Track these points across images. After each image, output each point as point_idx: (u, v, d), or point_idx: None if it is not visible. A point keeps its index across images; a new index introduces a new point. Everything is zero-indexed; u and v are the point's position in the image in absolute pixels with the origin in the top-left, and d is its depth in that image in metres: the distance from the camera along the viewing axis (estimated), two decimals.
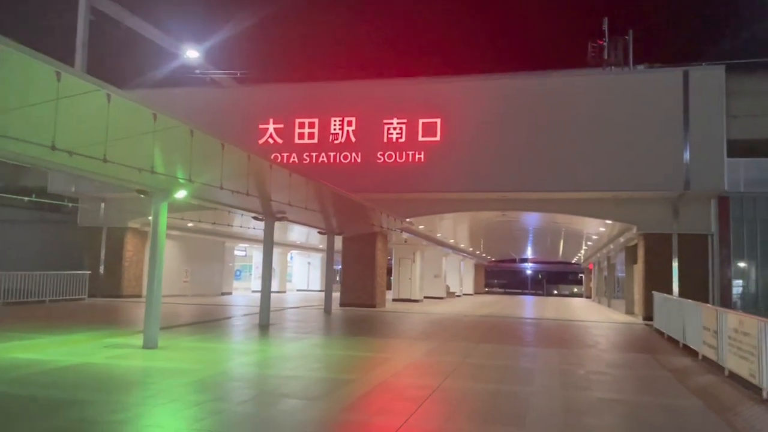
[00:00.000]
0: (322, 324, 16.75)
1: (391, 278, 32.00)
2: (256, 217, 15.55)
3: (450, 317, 20.71)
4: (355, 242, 23.27)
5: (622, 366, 10.66)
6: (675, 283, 20.11)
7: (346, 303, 23.14)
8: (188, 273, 29.55)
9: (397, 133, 20.93)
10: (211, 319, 17.05)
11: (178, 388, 7.58)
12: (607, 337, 15.56)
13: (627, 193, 19.80)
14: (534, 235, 39.50)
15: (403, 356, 10.86)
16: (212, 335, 13.24)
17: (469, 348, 12.07)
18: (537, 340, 14.64)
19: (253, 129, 22.06)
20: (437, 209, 22.30)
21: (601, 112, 19.66)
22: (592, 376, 9.34)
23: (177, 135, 8.26)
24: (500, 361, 10.63)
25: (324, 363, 9.93)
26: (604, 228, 25.32)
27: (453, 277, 42.73)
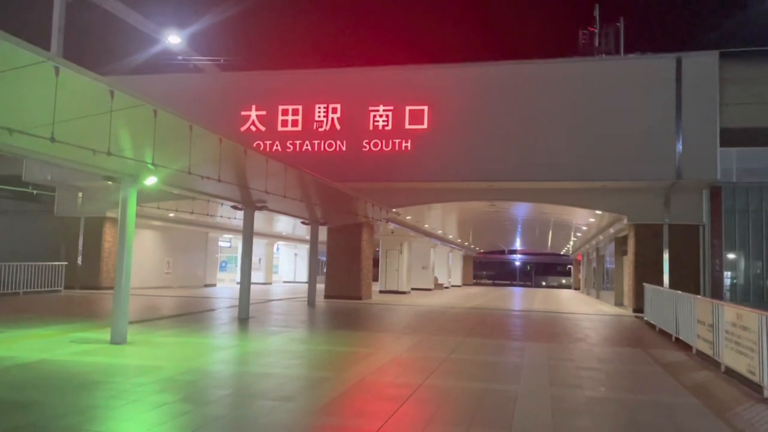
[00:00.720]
0: (304, 317, 16.23)
1: (378, 270, 31.54)
2: (234, 206, 14.97)
3: (437, 309, 20.26)
4: (341, 233, 22.73)
5: (612, 361, 10.23)
6: (665, 275, 19.77)
7: (331, 295, 22.62)
8: (170, 264, 28.90)
9: (383, 121, 20.36)
10: (189, 312, 16.48)
11: (141, 388, 7.04)
12: (596, 330, 15.16)
13: (617, 183, 19.38)
14: (523, 227, 39.15)
15: (385, 351, 10.36)
16: (187, 329, 12.68)
17: (455, 342, 11.60)
18: (525, 333, 14.21)
19: (234, 116, 21.40)
20: (425, 199, 21.80)
21: (592, 101, 19.19)
22: (583, 372, 8.89)
23: (142, 116, 7.66)
24: (487, 357, 10.17)
25: (301, 359, 9.41)
26: (594, 219, 24.95)
27: (441, 268, 42.33)
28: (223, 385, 7.61)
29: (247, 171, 10.92)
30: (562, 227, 34.58)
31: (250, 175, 11.42)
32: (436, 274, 39.62)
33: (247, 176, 11.38)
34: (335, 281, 22.84)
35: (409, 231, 29.48)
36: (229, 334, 12.23)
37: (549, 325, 15.93)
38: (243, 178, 11.15)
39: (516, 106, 19.73)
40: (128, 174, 10.28)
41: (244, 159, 9.86)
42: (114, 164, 9.69)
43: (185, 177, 10.15)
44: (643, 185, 19.47)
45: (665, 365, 9.76)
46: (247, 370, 8.53)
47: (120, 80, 19.00)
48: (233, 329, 12.98)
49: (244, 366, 8.78)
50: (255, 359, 9.37)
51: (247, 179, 11.54)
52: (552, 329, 14.94)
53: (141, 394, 6.75)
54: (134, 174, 10.30)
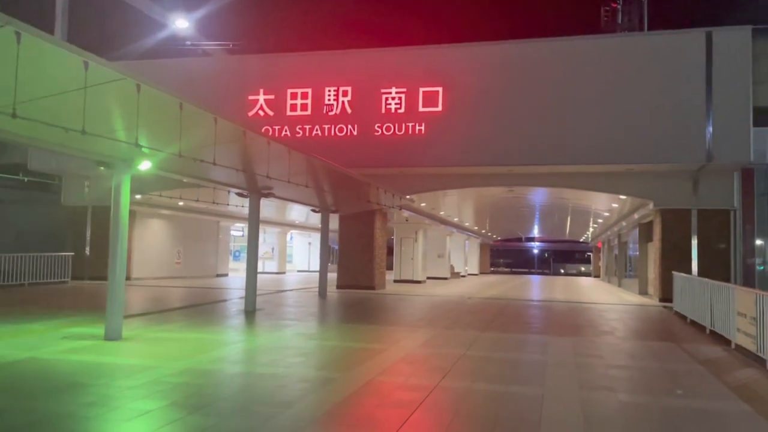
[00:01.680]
0: (313, 309, 15.54)
1: (393, 258, 30.81)
2: (240, 193, 14.27)
3: (453, 300, 19.48)
4: (353, 221, 21.98)
5: (645, 357, 9.39)
6: (694, 262, 18.80)
7: (344, 285, 21.93)
8: (180, 254, 28.39)
9: (395, 104, 19.51)
10: (194, 305, 15.88)
11: (127, 392, 6.37)
12: (623, 322, 14.29)
13: (643, 166, 18.38)
14: (541, 213, 38.11)
15: (397, 347, 9.62)
16: (189, 323, 12.05)
17: (472, 337, 10.83)
18: (547, 326, 13.38)
19: (242, 101, 20.68)
20: (440, 185, 20.97)
21: (616, 80, 18.16)
22: (614, 372, 8.07)
23: (129, 94, 6.93)
24: (507, 354, 9.38)
25: (306, 356, 8.70)
26: (617, 204, 23.93)
27: (457, 256, 41.48)
28: (217, 388, 6.92)
29: (249, 155, 10.20)
30: (581, 213, 33.52)
31: (251, 159, 10.68)
32: (453, 262, 38.80)
33: (249, 160, 10.65)
34: (347, 271, 22.13)
35: (424, 218, 28.67)
36: (233, 328, 11.57)
37: (572, 317, 15.08)
38: (244, 163, 10.42)
39: (535, 87, 18.77)
40: (121, 159, 9.60)
41: (244, 141, 9.11)
42: (105, 148, 9.01)
43: (180, 161, 9.45)
44: (671, 168, 18.46)
45: (703, 362, 8.91)
46: (246, 369, 7.84)
47: (125, 66, 18.38)
48: (238, 323, 12.33)
49: (244, 365, 8.09)
50: (256, 357, 8.67)
51: (249, 163, 10.80)
52: (575, 321, 14.10)
53: (124, 400, 6.08)
54: (127, 159, 9.62)
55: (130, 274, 24.48)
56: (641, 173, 18.98)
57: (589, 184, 19.81)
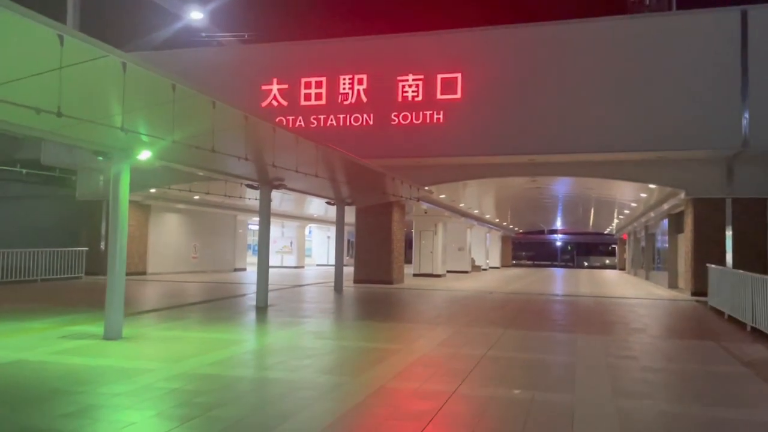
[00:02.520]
0: (328, 305, 14.95)
1: (412, 252, 30.14)
2: (249, 184, 13.71)
3: (474, 295, 18.75)
4: (369, 213, 21.35)
5: (683, 359, 8.61)
6: (728, 254, 17.84)
7: (361, 280, 21.32)
8: (197, 249, 28.04)
9: (412, 92, 18.79)
10: (205, 300, 15.40)
11: (114, 399, 5.81)
12: (655, 318, 13.46)
13: (674, 153, 17.45)
14: (565, 205, 37.07)
15: (413, 347, 8.96)
16: (196, 320, 11.51)
17: (494, 335, 10.12)
18: (574, 323, 12.59)
19: (255, 91, 20.12)
20: (459, 176, 20.23)
21: (644, 62, 17.21)
22: (650, 376, 7.32)
23: (117, 76, 6.35)
24: (532, 354, 8.66)
25: (314, 358, 8.07)
26: (645, 194, 22.94)
27: (478, 249, 40.67)
28: (212, 395, 6.31)
29: (254, 143, 9.59)
30: (607, 205, 32.47)
31: (257, 147, 10.07)
32: (473, 255, 38.00)
33: (255, 149, 10.04)
34: (365, 265, 21.52)
35: (443, 211, 27.93)
36: (241, 325, 11.00)
37: (600, 312, 14.27)
38: (250, 151, 9.81)
39: (559, 71, 17.90)
40: (118, 148, 9.06)
41: (246, 127, 8.49)
42: (97, 136, 8.47)
43: (182, 150, 8.89)
44: (704, 155, 17.51)
45: (749, 364, 8.10)
46: (247, 374, 7.24)
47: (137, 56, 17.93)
48: (246, 320, 11.77)
49: (245, 368, 7.49)
50: (260, 359, 8.07)
51: (256, 152, 10.19)
52: (604, 317, 13.29)
53: (108, 410, 5.51)
54: (125, 148, 9.08)
55: (145, 269, 24.20)
56: (672, 161, 18.04)
57: (616, 173, 18.91)
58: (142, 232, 24.28)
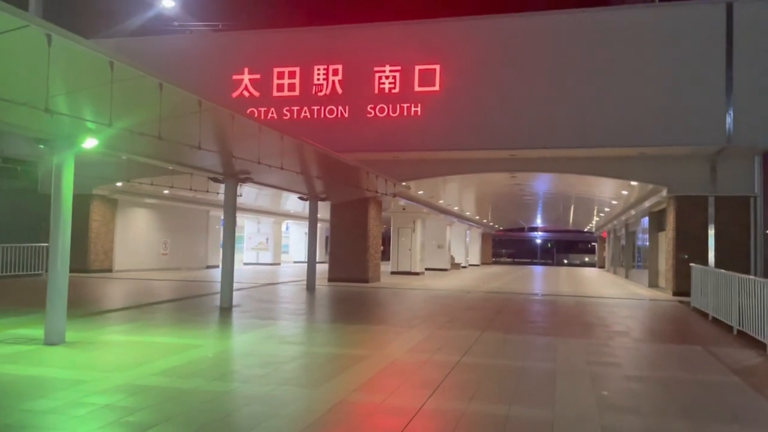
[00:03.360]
0: (297, 305, 14.25)
1: (390, 249, 29.51)
2: (214, 177, 12.94)
3: (452, 294, 18.16)
4: (345, 209, 20.65)
5: (669, 366, 8.06)
6: (711, 253, 17.45)
7: (336, 278, 20.63)
8: (167, 245, 27.10)
9: (389, 83, 18.11)
10: (169, 299, 14.61)
11: (34, 419, 5.09)
12: (637, 320, 12.97)
13: (657, 149, 17.01)
14: (545, 202, 36.70)
15: (383, 353, 8.31)
16: (152, 322, 10.74)
17: (470, 338, 9.51)
18: (554, 324, 12.04)
19: (225, 80, 19.29)
20: (438, 171, 19.61)
21: (627, 56, 16.74)
22: (636, 386, 6.75)
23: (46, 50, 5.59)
24: (510, 361, 8.05)
25: (274, 366, 7.38)
26: (627, 191, 22.53)
27: (458, 247, 40.16)
28: (146, 412, 5.58)
29: (211, 131, 8.85)
30: (587, 202, 32.12)
31: (215, 136, 9.33)
32: (453, 253, 37.49)
33: (212, 138, 9.29)
34: (339, 262, 20.82)
35: (422, 207, 27.32)
36: (199, 328, 10.25)
37: (580, 313, 13.75)
38: (207, 140, 9.05)
39: (540, 64, 17.35)
40: (61, 135, 8.26)
41: (201, 114, 7.75)
42: (39, 123, 7.67)
43: (133, 139, 8.12)
44: (687, 152, 17.09)
45: (741, 372, 7.58)
46: (194, 385, 6.52)
47: (100, 43, 17.02)
48: (206, 322, 11.02)
49: (194, 378, 6.76)
50: (213, 367, 7.35)
51: (213, 141, 9.43)
52: (584, 318, 12.76)
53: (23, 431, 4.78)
54: (69, 135, 8.28)
55: (111, 266, 23.27)
56: (655, 157, 17.61)
57: (597, 169, 18.43)
58: (108, 228, 23.32)
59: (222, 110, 8.15)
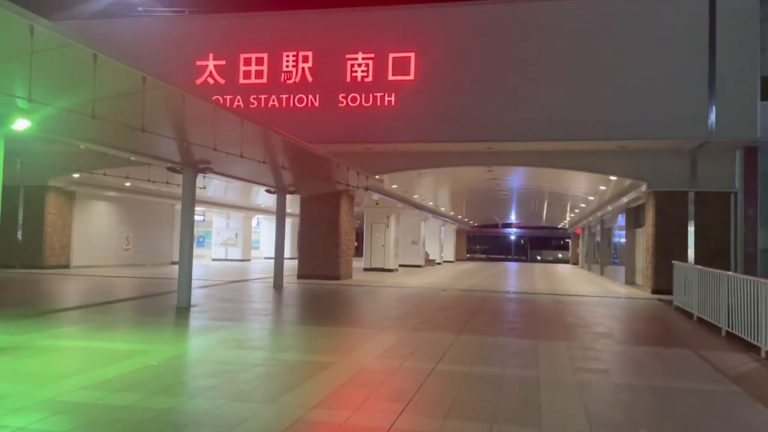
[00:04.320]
0: (261, 304, 13.40)
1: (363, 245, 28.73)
2: (171, 167, 12.01)
3: (426, 292, 17.46)
4: (315, 203, 19.82)
5: (661, 372, 7.43)
6: (690, 249, 17.04)
7: (305, 275, 19.80)
8: (130, 240, 25.94)
9: (362, 71, 17.32)
10: (124, 298, 13.64)
11: None
12: (619, 320, 12.42)
13: (636, 143, 16.54)
14: (521, 198, 36.25)
15: (350, 360, 7.54)
16: (99, 324, 9.81)
17: (445, 342, 8.80)
18: (533, 325, 11.39)
19: (189, 67, 18.30)
20: (412, 164, 18.89)
21: (607, 46, 16.23)
22: (627, 397, 6.10)
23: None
24: (488, 367, 7.34)
25: (225, 376, 6.56)
26: (605, 186, 22.09)
27: (433, 243, 39.59)
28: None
29: (159, 113, 7.97)
30: (564, 198, 31.73)
31: (164, 119, 8.44)
32: (427, 249, 36.86)
33: (160, 121, 8.40)
34: (309, 259, 19.99)
35: (396, 202, 26.60)
36: (149, 332, 9.36)
37: (559, 313, 13.15)
38: (153, 123, 8.16)
39: (518, 54, 16.74)
40: None
41: (145, 92, 6.87)
42: None
43: (75, 121, 7.22)
44: (667, 146, 16.65)
45: (739, 380, 6.98)
46: (130, 400, 5.66)
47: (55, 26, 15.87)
48: (159, 324, 10.13)
49: (130, 392, 5.90)
50: (152, 379, 6.48)
51: (161, 125, 8.53)
52: (564, 319, 12.15)
53: None
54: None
55: (69, 262, 22.10)
56: (634, 152, 17.14)
57: (576, 163, 17.90)
58: (65, 222, 22.11)
59: (170, 89, 7.27)
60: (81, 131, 8.21)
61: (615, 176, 18.32)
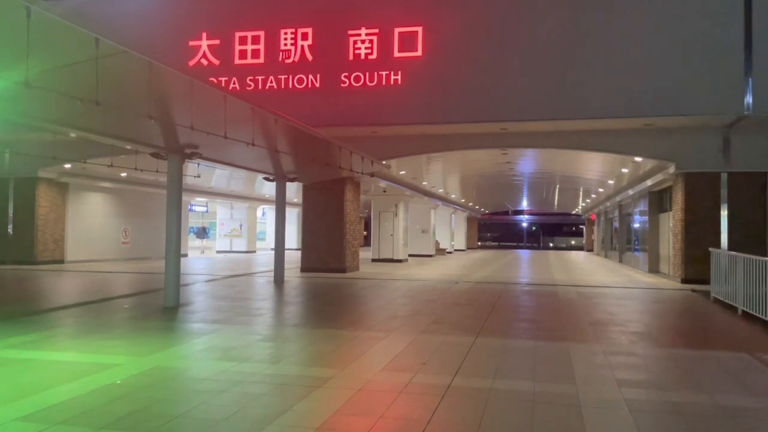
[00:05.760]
0: (258, 303, 12.28)
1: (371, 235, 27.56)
2: (155, 153, 10.87)
3: (438, 285, 16.28)
4: (318, 191, 18.66)
5: (724, 385, 6.21)
6: (723, 234, 15.77)
7: (309, 268, 18.69)
8: (127, 233, 24.92)
9: (366, 48, 16.05)
10: (109, 297, 12.57)
11: None
12: (654, 315, 11.20)
13: (665, 120, 15.16)
14: (534, 183, 34.83)
15: (351, 373, 6.39)
16: (70, 330, 8.72)
17: (462, 347, 7.63)
18: (560, 324, 10.13)
19: (181, 47, 17.11)
20: (421, 148, 17.62)
21: (633, 14, 14.81)
22: (695, 423, 4.89)
23: None
24: (516, 382, 6.14)
25: (197, 400, 5.43)
26: (627, 169, 20.74)
27: (443, 231, 38.37)
28: None
29: (129, 86, 6.80)
30: (579, 182, 30.35)
31: (136, 94, 7.26)
32: (438, 237, 35.67)
33: (131, 96, 7.23)
34: (313, 251, 18.86)
35: (404, 189, 25.38)
36: (127, 338, 8.24)
37: (585, 307, 11.92)
38: (122, 98, 7.00)
39: (535, 25, 15.37)
40: None
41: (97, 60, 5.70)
42: None
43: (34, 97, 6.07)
44: (698, 123, 15.29)
45: None
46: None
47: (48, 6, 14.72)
48: (139, 329, 9.01)
49: (67, 428, 4.77)
50: (108, 405, 5.33)
51: (134, 101, 7.35)
52: (592, 315, 10.93)
53: None
54: None
55: (63, 257, 21.12)
56: (662, 130, 15.80)
57: (598, 144, 16.57)
58: (58, 214, 21.10)
59: (137, 58, 6.08)
60: (47, 112, 7.06)
61: (641, 157, 16.98)
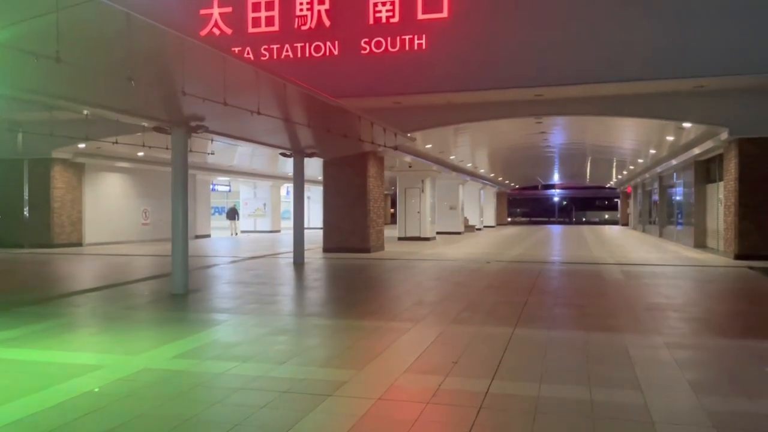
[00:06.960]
0: (275, 287, 11.41)
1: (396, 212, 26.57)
2: (157, 126, 9.96)
3: (468, 265, 15.22)
4: (340, 168, 17.69)
5: None
6: None
7: (332, 248, 17.80)
8: (147, 214, 24.33)
9: (387, 11, 14.88)
10: (116, 283, 11.83)
11: None
12: (714, 298, 10.02)
13: (717, 81, 13.74)
14: (567, 156, 33.22)
15: (368, 376, 5.42)
16: (62, 322, 7.92)
17: (499, 340, 6.61)
18: (610, 310, 8.97)
19: (193, 16, 16.16)
20: (448, 119, 16.50)
21: None
22: None
23: None
24: (568, 387, 5.09)
25: (185, 414, 4.53)
26: (673, 137, 19.26)
27: (472, 207, 37.13)
28: None
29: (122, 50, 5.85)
30: (616, 153, 28.73)
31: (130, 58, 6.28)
32: (466, 214, 34.48)
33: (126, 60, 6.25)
34: (335, 230, 17.95)
35: (431, 164, 24.24)
36: (123, 332, 7.39)
37: (635, 289, 10.76)
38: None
39: None
40: None
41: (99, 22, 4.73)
42: None
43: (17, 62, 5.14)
44: (755, 83, 13.83)
45: None
46: None
47: None
48: (140, 320, 8.19)
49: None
50: (75, 422, 4.47)
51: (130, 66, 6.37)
52: (645, 298, 9.76)
53: None
54: None
55: (81, 240, 20.59)
56: (714, 92, 14.38)
57: (642, 109, 15.23)
58: (74, 196, 20.52)
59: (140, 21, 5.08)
60: (37, 83, 6.16)
61: (689, 123, 15.54)
